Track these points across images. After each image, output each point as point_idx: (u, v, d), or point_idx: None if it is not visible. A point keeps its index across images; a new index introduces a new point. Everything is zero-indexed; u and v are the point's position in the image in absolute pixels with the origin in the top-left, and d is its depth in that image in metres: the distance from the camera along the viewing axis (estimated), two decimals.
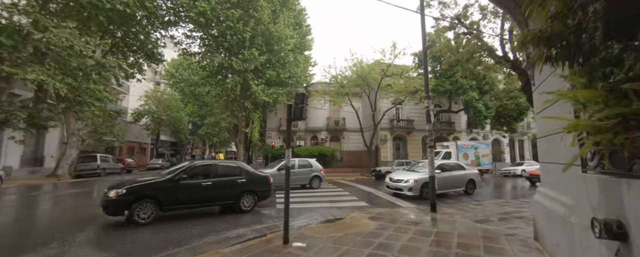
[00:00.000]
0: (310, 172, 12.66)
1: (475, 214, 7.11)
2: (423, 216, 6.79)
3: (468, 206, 8.55)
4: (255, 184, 7.86)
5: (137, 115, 31.04)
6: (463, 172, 10.96)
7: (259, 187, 7.93)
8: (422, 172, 10.06)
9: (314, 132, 27.84)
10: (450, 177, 10.42)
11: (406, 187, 9.65)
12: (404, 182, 9.80)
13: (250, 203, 7.68)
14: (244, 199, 7.59)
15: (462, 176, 10.86)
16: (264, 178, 8.28)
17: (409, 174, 10.37)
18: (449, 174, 10.51)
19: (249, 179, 7.79)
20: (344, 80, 21.92)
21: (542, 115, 4.41)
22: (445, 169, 10.60)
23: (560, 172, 3.73)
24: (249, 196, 7.69)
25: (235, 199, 7.45)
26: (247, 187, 7.66)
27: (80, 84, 14.44)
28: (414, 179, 9.65)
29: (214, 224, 6.43)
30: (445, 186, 10.18)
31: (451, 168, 10.94)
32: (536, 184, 14.38)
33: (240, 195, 7.52)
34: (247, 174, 7.86)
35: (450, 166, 11.12)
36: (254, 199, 7.75)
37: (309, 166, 12.76)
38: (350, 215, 6.95)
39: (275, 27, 21.56)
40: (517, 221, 6.38)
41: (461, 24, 12.00)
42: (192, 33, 22.09)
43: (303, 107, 4.90)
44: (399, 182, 10.02)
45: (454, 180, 10.52)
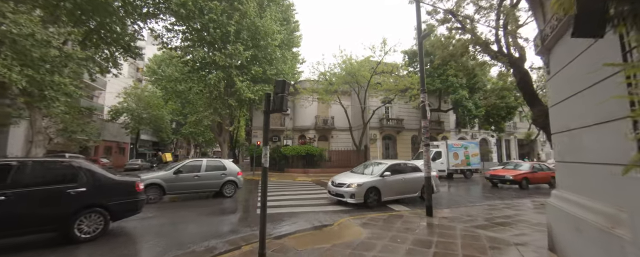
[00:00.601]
0: (222, 176, 10.05)
1: (475, 218, 6.52)
2: (419, 222, 6.13)
3: (462, 208, 7.98)
4: (104, 195, 5.17)
5: (115, 113, 29.36)
6: (418, 175, 9.23)
7: (112, 198, 5.26)
8: (369, 175, 8.63)
9: (301, 131, 27.03)
10: (402, 181, 8.83)
11: (348, 192, 7.99)
12: (345, 187, 8.11)
13: (95, 227, 5.01)
14: (82, 221, 4.89)
15: (417, 179, 9.14)
16: (123, 185, 5.60)
17: (353, 177, 8.70)
18: (401, 177, 8.88)
19: (94, 186, 5.06)
20: (332, 77, 21.22)
21: (561, 106, 3.80)
22: (397, 171, 8.97)
23: (590, 173, 3.12)
24: (92, 216, 5.00)
25: (58, 223, 4.72)
26: (87, 201, 4.95)
27: (43, 76, 13.12)
28: (358, 183, 8.05)
29: (178, 234, 5.56)
30: (396, 190, 8.69)
31: (403, 170, 9.22)
32: (498, 185, 14.09)
33: (73, 215, 4.79)
34: (90, 179, 5.05)
35: (402, 167, 9.36)
36: (103, 218, 5.11)
37: (221, 168, 10.18)
38: (338, 221, 6.21)
39: (262, 21, 20.68)
40: (521, 226, 5.81)
41: (454, 18, 11.50)
42: (174, 27, 20.91)
43: (283, 97, 4.12)
44: (340, 186, 8.29)
45: (407, 184, 8.92)
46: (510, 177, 13.35)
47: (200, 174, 9.66)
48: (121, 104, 30.17)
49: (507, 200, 9.83)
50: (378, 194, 8.25)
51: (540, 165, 14.68)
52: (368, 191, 8.08)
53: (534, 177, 13.64)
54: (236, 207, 8.52)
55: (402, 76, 21.86)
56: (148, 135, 38.70)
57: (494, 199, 10.09)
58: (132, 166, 27.87)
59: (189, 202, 9.21)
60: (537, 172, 13.91)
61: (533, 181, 13.60)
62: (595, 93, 2.93)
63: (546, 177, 13.98)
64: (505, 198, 10.40)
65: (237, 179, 10.46)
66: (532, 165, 14.47)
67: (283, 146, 24.12)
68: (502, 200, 9.80)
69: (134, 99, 31.22)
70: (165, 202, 9.08)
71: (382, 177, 8.42)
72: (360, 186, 8.04)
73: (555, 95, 3.99)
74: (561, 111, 3.82)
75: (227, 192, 10.11)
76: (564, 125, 3.72)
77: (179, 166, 9.50)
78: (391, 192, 8.55)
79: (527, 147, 32.47)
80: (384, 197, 8.35)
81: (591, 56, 3.06)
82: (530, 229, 5.64)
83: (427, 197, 6.71)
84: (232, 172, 10.38)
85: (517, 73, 10.05)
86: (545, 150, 34.69)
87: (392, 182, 8.60)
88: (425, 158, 6.73)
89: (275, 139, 26.47)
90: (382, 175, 8.46)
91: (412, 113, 26.69)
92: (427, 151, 6.74)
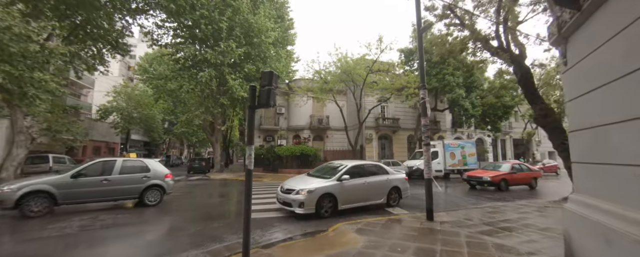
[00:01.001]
0: (144, 179, 8.18)
1: (477, 222, 6.13)
2: (420, 227, 5.70)
3: (462, 210, 7.59)
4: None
5: (104, 113, 28.51)
6: (384, 178, 8.04)
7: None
8: (327, 179, 7.16)
9: (296, 131, 26.53)
10: (365, 186, 7.52)
11: (296, 201, 6.53)
12: (294, 194, 6.66)
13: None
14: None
15: (383, 182, 7.96)
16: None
17: (306, 182, 7.21)
18: (363, 181, 7.55)
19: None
20: (328, 76, 20.77)
21: (582, 101, 3.39)
22: (358, 174, 7.62)
23: (622, 176, 2.72)
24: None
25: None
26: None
27: (22, 73, 12.45)
28: (308, 190, 6.59)
29: (151, 245, 5.05)
30: (356, 197, 7.36)
31: (367, 172, 7.90)
32: (476, 187, 13.08)
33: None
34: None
35: (366, 169, 8.02)
36: None
37: (143, 170, 8.36)
38: (333, 227, 5.76)
39: (255, 18, 20.17)
40: (528, 232, 5.42)
41: (453, 14, 11.13)
42: (164, 23, 20.24)
43: (270, 91, 3.66)
44: (288, 193, 6.87)
45: (370, 189, 7.62)
46: (487, 179, 12.37)
47: (111, 178, 7.69)
48: (110, 103, 29.34)
49: (508, 202, 9.48)
50: (334, 202, 6.92)
51: (521, 165, 13.85)
52: (321, 199, 6.69)
53: (513, 179, 12.80)
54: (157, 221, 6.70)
55: (399, 75, 21.51)
56: (139, 135, 37.82)
57: (493, 201, 9.73)
58: None
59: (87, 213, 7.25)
60: (517, 173, 13.01)
61: (512, 183, 12.77)
62: (628, 85, 2.53)
63: (526, 179, 13.25)
64: (506, 200, 10.06)
65: (165, 183, 8.56)
66: (512, 165, 13.53)
67: (277, 146, 23.60)
68: (503, 202, 9.44)
69: (124, 97, 30.40)
70: (58, 213, 7.11)
71: (339, 181, 7.06)
72: (311, 193, 6.58)
73: (574, 88, 3.59)
74: (582, 106, 3.42)
75: (150, 199, 8.21)
76: (586, 121, 3.31)
77: (80, 168, 7.57)
78: (350, 199, 7.22)
79: (523, 147, 32.43)
80: (342, 206, 7.02)
81: (620, 43, 2.65)
82: (538, 234, 5.25)
83: (427, 200, 6.29)
84: (157, 175, 8.48)
85: (518, 70, 9.73)
86: (540, 150, 34.73)
87: (352, 187, 7.25)
88: (426, 158, 6.31)
89: (269, 139, 25.94)
90: (339, 179, 7.09)
91: (408, 112, 26.38)
92: (427, 151, 6.33)
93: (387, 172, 8.28)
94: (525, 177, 13.16)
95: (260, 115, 25.70)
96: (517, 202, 9.41)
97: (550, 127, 9.29)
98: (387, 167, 8.55)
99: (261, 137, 25.73)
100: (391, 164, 18.33)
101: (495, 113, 22.78)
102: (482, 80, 23.01)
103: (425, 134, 6.46)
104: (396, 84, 20.37)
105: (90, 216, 7.03)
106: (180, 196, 10.40)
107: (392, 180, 8.22)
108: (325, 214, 6.78)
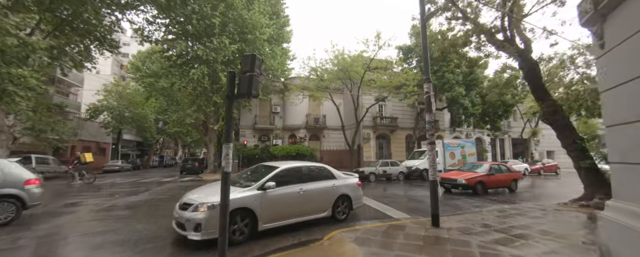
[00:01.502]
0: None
1: (488, 229, 5.56)
2: (426, 236, 5.12)
3: (468, 214, 7.02)
4: None
5: (94, 112, 27.64)
6: (329, 184, 6.28)
7: None
8: (243, 188, 5.20)
9: (292, 130, 25.91)
10: (299, 195, 5.68)
11: (191, 221, 4.56)
12: (190, 211, 4.66)
13: None
14: None
15: (327, 190, 6.21)
16: None
17: (207, 192, 5.24)
18: (298, 189, 5.70)
19: None
20: (324, 73, 20.18)
21: (626, 89, 2.82)
22: (291, 180, 5.75)
23: None
24: None
25: None
26: None
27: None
28: (210, 204, 4.59)
29: None
30: (287, 211, 5.47)
31: (303, 177, 6.04)
32: (451, 190, 11.75)
33: None
34: None
35: (302, 172, 6.12)
36: None
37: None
38: (328, 235, 5.16)
39: (249, 14, 19.53)
40: (546, 241, 4.86)
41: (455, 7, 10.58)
42: (156, 19, 19.49)
43: (252, 77, 3.05)
44: (185, 208, 4.81)
45: (307, 199, 5.79)
46: (462, 182, 10.94)
47: None
48: (101, 102, 28.47)
49: (514, 204, 8.95)
50: (252, 220, 4.96)
51: (499, 166, 12.54)
52: (231, 216, 4.42)
53: (491, 181, 11.40)
54: None
55: (397, 73, 20.99)
56: (131, 135, 36.93)
57: (498, 203, 9.21)
58: (112, 167, 26.26)
59: None
60: (495, 175, 11.64)
61: (490, 185, 11.42)
62: None
63: (505, 181, 11.90)
64: (512, 202, 9.54)
65: (24, 193, 6.33)
66: (490, 166, 12.03)
67: (272, 146, 22.97)
68: (510, 204, 8.91)
69: (115, 96, 29.53)
70: None
71: (261, 190, 5.14)
72: (214, 209, 4.50)
73: (613, 75, 3.02)
74: (626, 95, 2.85)
75: None
76: (631, 114, 2.74)
77: None
78: (278, 215, 5.34)
79: (522, 146, 32.07)
80: (265, 225, 5.09)
81: None
82: (557, 243, 4.69)
83: (432, 204, 5.71)
84: (12, 182, 6.23)
85: (524, 65, 9.22)
86: (539, 149, 34.42)
87: (281, 198, 5.37)
88: (431, 158, 5.73)
89: (264, 139, 25.29)
90: (262, 187, 5.17)
91: (406, 111, 25.88)
92: (432, 150, 5.75)
93: (334, 176, 6.58)
94: (504, 179, 11.87)
95: (255, 115, 25.06)
96: (524, 204, 8.87)
97: (559, 124, 8.78)
98: (335, 171, 6.75)
99: (256, 137, 25.08)
100: (389, 164, 17.80)
101: (496, 112, 22.32)
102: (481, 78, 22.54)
103: (430, 132, 5.89)
104: (394, 81, 19.85)
105: None
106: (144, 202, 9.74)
107: (339, 186, 6.40)
108: (239, 238, 4.81)
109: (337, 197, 6.31)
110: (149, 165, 37.01)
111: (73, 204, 9.10)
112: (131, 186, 14.83)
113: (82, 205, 8.98)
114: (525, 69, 9.24)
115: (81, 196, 10.82)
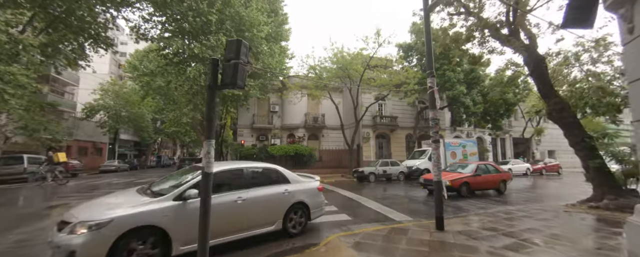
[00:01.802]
0: None
1: (496, 234, 5.20)
2: (430, 241, 4.77)
3: (473, 216, 6.68)
4: None
5: (90, 111, 27.25)
6: (280, 190, 5.13)
7: None
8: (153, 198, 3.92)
9: (290, 130, 25.54)
10: (236, 206, 4.48)
11: (63, 248, 3.22)
12: (66, 233, 3.33)
13: None
14: None
15: (277, 198, 5.05)
16: None
17: (100, 204, 4.04)
18: (235, 197, 4.51)
19: None
20: (323, 71, 19.82)
21: None
22: (220, 188, 4.43)
23: None
24: None
25: None
26: None
27: None
28: (93, 223, 3.31)
29: None
30: (218, 227, 4.08)
31: (244, 182, 4.83)
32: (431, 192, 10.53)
33: None
34: None
35: (243, 176, 4.91)
36: None
37: None
38: (325, 240, 4.82)
39: (247, 11, 19.19)
40: (561, 246, 4.51)
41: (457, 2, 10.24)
42: (152, 17, 19.12)
43: (238, 65, 2.70)
44: (62, 228, 3.45)
45: (248, 210, 4.60)
46: (446, 183, 9.53)
47: None
48: (97, 101, 28.07)
49: (519, 205, 8.61)
50: (163, 243, 3.69)
51: (486, 166, 11.46)
52: (126, 240, 3.41)
53: (477, 182, 10.40)
54: None
55: (397, 71, 20.64)
56: (129, 135, 36.54)
57: (502, 204, 8.86)
58: (109, 167, 25.90)
59: None
60: (482, 176, 10.61)
61: (475, 187, 10.45)
62: None
63: (493, 182, 10.89)
64: (517, 203, 9.21)
65: None
66: (477, 166, 10.96)
67: (270, 146, 22.61)
68: (515, 206, 8.57)
69: (111, 95, 29.13)
70: None
71: (179, 201, 3.89)
72: (98, 230, 3.27)
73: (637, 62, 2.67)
74: None
75: None
76: None
77: None
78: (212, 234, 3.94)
79: (523, 146, 31.76)
80: (184, 247, 3.79)
81: None
82: (575, 250, 4.34)
83: (437, 206, 5.36)
84: None
85: (530, 60, 8.87)
86: (540, 148, 34.11)
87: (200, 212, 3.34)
88: (435, 157, 5.39)
89: (262, 138, 24.93)
90: (181, 197, 3.92)
91: (406, 110, 25.54)
92: (437, 148, 5.40)
93: (287, 179, 5.39)
94: (492, 180, 10.87)
95: (253, 114, 24.70)
96: (530, 205, 8.54)
97: (567, 122, 8.44)
98: (289, 173, 5.60)
99: (254, 136, 24.72)
100: (389, 163, 17.46)
101: (497, 111, 21.98)
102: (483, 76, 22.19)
103: (434, 129, 5.55)
104: (394, 80, 19.50)
105: None
106: None
107: (294, 192, 5.24)
108: None
109: (290, 205, 5.14)
110: (147, 165, 36.66)
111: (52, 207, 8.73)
112: (126, 186, 14.48)
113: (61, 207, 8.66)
114: (531, 65, 8.90)
115: (70, 197, 10.45)
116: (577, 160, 8.81)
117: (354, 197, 10.22)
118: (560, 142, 33.22)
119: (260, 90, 21.92)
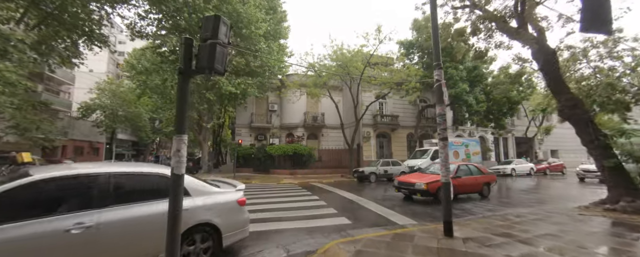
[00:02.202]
0: None
1: (511, 240, 4.74)
2: (439, 249, 4.32)
3: (482, 219, 6.23)
4: None
5: (86, 110, 26.82)
6: (161, 209, 3.23)
7: None
8: None
9: (289, 129, 25.11)
10: (75, 238, 2.78)
11: None
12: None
13: None
14: None
15: (163, 220, 2.53)
16: None
17: None
18: (74, 221, 2.82)
19: None
20: (322, 69, 19.38)
21: None
22: (47, 208, 2.81)
23: None
24: None
25: None
26: None
27: None
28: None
29: None
30: None
31: (101, 197, 3.11)
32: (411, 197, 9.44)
33: None
34: None
35: (100, 184, 3.15)
36: None
37: None
38: (323, 247, 4.36)
39: (245, 7, 18.75)
40: (585, 255, 4.06)
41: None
42: (148, 14, 18.69)
43: (214, 46, 2.24)
44: None
45: (102, 243, 2.94)
46: (421, 186, 8.65)
47: None
48: (93, 101, 27.65)
49: (531, 207, 8.17)
50: None
51: (468, 166, 10.23)
52: None
53: (458, 185, 9.02)
54: None
55: (398, 69, 20.19)
56: (126, 134, 36.12)
57: (511, 206, 8.42)
58: None
59: None
60: (463, 178, 9.40)
61: (456, 190, 8.97)
62: None
63: (476, 185, 9.76)
64: (527, 204, 8.75)
65: None
66: (458, 167, 9.67)
67: (269, 145, 22.18)
68: (526, 208, 8.12)
69: (108, 94, 28.71)
70: None
71: None
72: None
73: None
74: None
75: None
76: None
77: None
78: None
79: (525, 145, 31.30)
80: None
81: None
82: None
83: (445, 210, 4.91)
84: None
85: (540, 55, 8.41)
86: (542, 148, 33.65)
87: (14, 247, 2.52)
88: (443, 156, 4.93)
89: (260, 138, 24.51)
90: None
91: (407, 109, 25.08)
92: (445, 146, 4.95)
93: (187, 191, 3.58)
94: (474, 183, 9.70)
95: (252, 113, 24.28)
96: (541, 207, 8.10)
97: (579, 119, 7.98)
98: (194, 180, 3.95)
99: (252, 136, 24.30)
100: (391, 163, 17.01)
101: (500, 109, 21.51)
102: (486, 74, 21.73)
103: (441, 126, 5.10)
104: (395, 78, 19.05)
105: None
106: None
107: (196, 210, 3.61)
108: None
109: (189, 227, 3.49)
110: None
111: None
112: None
113: None
114: (540, 59, 8.44)
115: None
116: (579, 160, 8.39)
117: (354, 198, 9.78)
118: (563, 141, 32.81)
119: (259, 88, 21.48)
